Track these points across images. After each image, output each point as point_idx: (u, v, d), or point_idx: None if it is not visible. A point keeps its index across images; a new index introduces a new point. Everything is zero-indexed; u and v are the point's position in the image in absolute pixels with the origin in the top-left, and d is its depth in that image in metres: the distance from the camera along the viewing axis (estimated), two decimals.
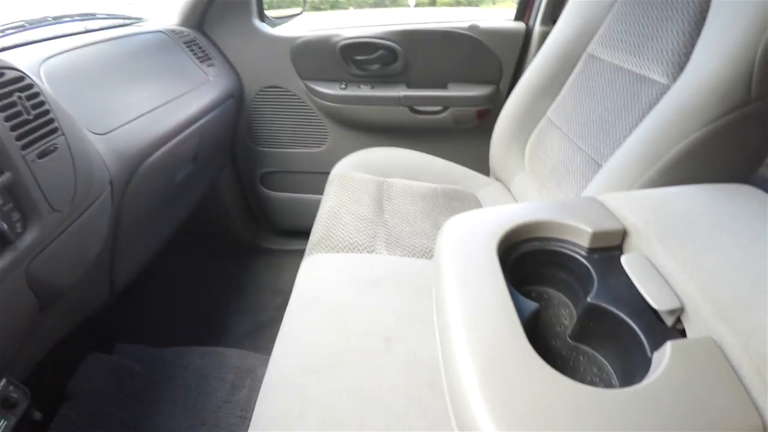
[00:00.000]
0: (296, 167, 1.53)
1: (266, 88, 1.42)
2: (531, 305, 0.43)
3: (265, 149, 1.51)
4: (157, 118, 0.99)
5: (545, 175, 1.03)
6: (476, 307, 0.39)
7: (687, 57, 0.80)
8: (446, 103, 1.36)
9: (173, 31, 1.28)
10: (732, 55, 0.70)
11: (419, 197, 1.09)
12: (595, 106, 0.97)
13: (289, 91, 1.42)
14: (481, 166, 1.30)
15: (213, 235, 1.63)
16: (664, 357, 0.34)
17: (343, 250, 0.87)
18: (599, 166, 0.87)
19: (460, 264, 0.44)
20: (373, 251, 0.87)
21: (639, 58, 0.89)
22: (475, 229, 0.49)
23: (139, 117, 0.95)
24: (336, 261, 0.83)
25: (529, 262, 0.51)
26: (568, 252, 0.50)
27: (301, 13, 1.63)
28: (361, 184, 1.10)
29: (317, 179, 1.22)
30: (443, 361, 0.37)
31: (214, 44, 1.40)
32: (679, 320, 0.40)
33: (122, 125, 0.90)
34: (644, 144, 0.75)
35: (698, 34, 0.78)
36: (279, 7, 1.75)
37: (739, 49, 0.69)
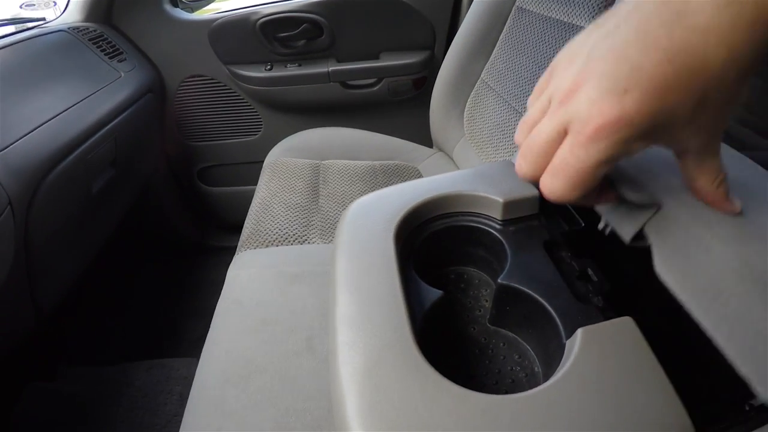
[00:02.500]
0: (233, 159, 1.45)
1: (189, 78, 1.32)
2: (434, 294, 0.38)
3: (199, 143, 1.42)
4: (60, 126, 0.91)
5: (483, 140, 0.99)
6: (363, 305, 0.34)
7: None
8: (380, 74, 1.29)
9: (76, 28, 1.18)
10: None
11: (357, 177, 1.03)
12: (526, 62, 0.92)
13: (213, 79, 1.32)
14: (424, 137, 1.25)
15: (157, 239, 1.55)
16: (574, 347, 0.30)
17: (273, 244, 0.81)
18: None
19: (352, 258, 0.39)
20: (305, 242, 0.82)
21: (566, 5, 0.84)
22: (374, 213, 0.43)
23: (38, 127, 0.87)
24: (265, 257, 0.78)
25: (444, 241, 0.46)
26: (482, 226, 0.45)
27: None
28: (295, 170, 1.03)
29: (257, 168, 1.15)
30: (328, 368, 0.32)
31: (126, 37, 1.30)
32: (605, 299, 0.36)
33: (19, 138, 0.82)
34: None
35: None
36: None
37: None
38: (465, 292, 0.46)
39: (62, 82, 1.01)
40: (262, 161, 1.15)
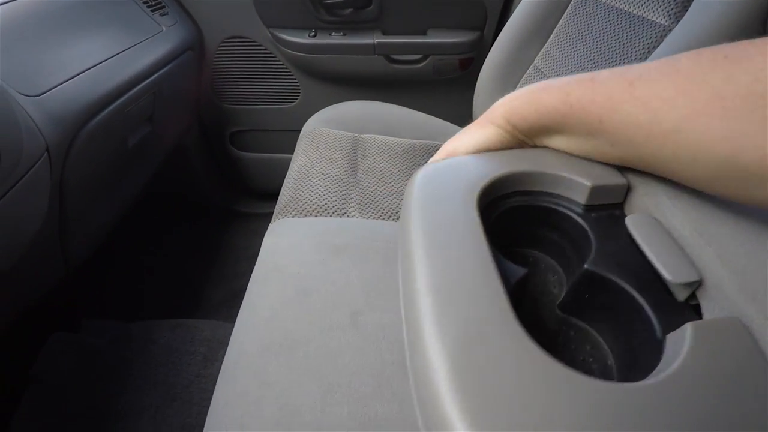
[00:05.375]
0: (268, 125, 1.42)
1: (229, 38, 1.29)
2: (518, 271, 0.36)
3: (233, 106, 1.40)
4: (99, 75, 0.89)
5: None
6: (450, 275, 0.31)
7: None
8: (426, 51, 1.25)
9: None
10: None
11: (397, 154, 1.00)
12: (587, 52, 0.88)
13: (254, 42, 1.29)
14: (465, 119, 1.21)
15: (183, 200, 1.54)
16: (684, 342, 0.27)
17: (311, 214, 0.79)
18: None
19: (431, 222, 0.37)
20: (344, 214, 0.80)
21: None
22: (450, 181, 0.41)
23: (78, 75, 0.85)
24: (303, 226, 0.75)
25: (513, 220, 0.44)
26: (562, 210, 0.42)
27: None
28: (334, 141, 1.01)
29: (291, 137, 1.13)
30: (408, 343, 0.30)
31: None
32: (693, 296, 0.33)
33: (58, 84, 0.80)
34: None
35: None
36: None
37: None
38: (532, 276, 0.44)
39: (103, 32, 0.99)
40: (297, 130, 1.13)
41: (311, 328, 0.55)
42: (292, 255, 0.67)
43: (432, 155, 1.03)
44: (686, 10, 0.69)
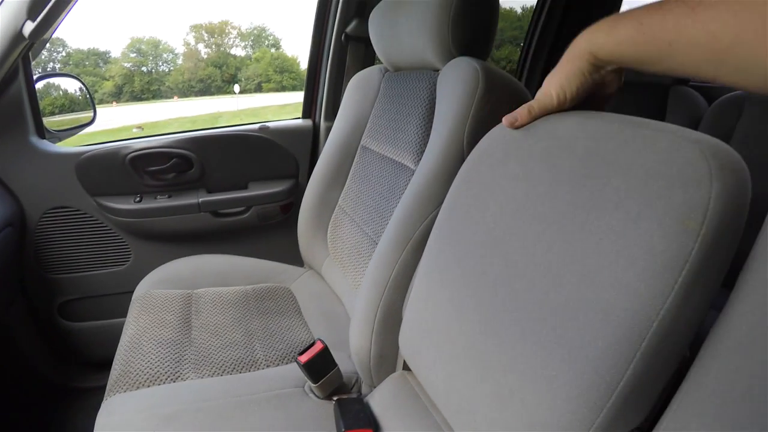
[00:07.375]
0: (99, 290, 1.40)
1: (52, 209, 1.30)
2: None
3: (60, 276, 1.36)
4: None
5: (344, 260, 1.12)
6: None
7: (425, 144, 0.90)
8: (249, 203, 1.40)
9: None
10: (450, 139, 0.78)
11: (230, 304, 1.09)
12: (371, 192, 1.08)
13: (78, 210, 1.32)
14: (293, 257, 1.35)
15: (12, 383, 1.39)
16: None
17: (144, 385, 0.82)
18: None
19: None
20: (178, 378, 0.85)
21: (395, 147, 1.01)
22: None
23: None
24: (135, 401, 0.78)
25: None
26: None
27: (91, 122, 1.53)
28: (166, 302, 1.06)
29: (126, 299, 1.14)
30: None
31: None
32: None
33: None
34: (399, 226, 0.83)
35: (431, 123, 0.90)
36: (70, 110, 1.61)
37: (454, 131, 0.77)
38: None
39: None
40: (131, 291, 1.15)
41: None
42: None
43: (265, 299, 1.14)
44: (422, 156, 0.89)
